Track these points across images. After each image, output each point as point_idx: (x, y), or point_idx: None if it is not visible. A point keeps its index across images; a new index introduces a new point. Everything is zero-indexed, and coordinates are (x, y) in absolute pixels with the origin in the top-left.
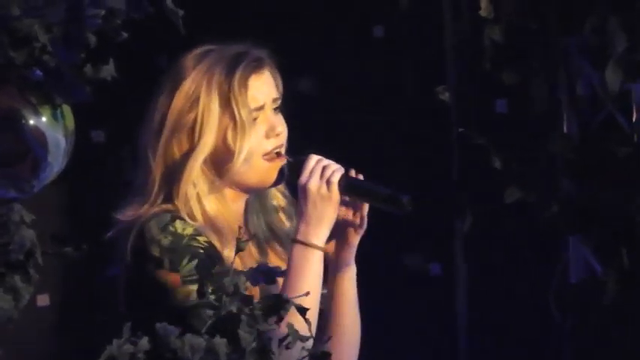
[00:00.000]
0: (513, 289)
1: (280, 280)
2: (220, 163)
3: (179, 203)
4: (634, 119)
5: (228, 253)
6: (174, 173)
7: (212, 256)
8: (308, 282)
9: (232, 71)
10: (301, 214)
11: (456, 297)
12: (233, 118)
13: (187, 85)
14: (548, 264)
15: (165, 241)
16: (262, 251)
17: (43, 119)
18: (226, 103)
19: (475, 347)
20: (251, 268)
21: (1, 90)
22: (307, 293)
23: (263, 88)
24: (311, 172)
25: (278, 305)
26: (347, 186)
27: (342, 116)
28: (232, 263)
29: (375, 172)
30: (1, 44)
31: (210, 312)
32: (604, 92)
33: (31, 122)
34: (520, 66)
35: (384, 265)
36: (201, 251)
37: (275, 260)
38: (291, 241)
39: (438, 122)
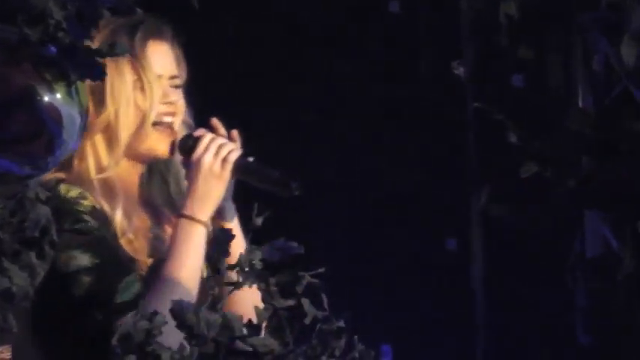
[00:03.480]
0: (529, 265)
1: None
2: (115, 126)
3: (72, 170)
4: None
5: (119, 217)
6: None
7: (97, 218)
8: (190, 256)
9: (135, 36)
10: (190, 188)
11: (470, 272)
12: (139, 80)
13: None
14: (565, 239)
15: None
16: (158, 219)
17: (58, 96)
18: (130, 65)
19: (490, 320)
20: (267, 245)
21: (16, 67)
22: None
23: (163, 58)
24: (205, 149)
25: (294, 281)
26: (240, 166)
27: (358, 91)
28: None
29: (392, 148)
30: (16, 21)
31: None
32: (619, 67)
33: (46, 99)
34: (536, 41)
35: (405, 243)
36: (85, 215)
37: (169, 229)
38: (176, 216)
39: (454, 97)
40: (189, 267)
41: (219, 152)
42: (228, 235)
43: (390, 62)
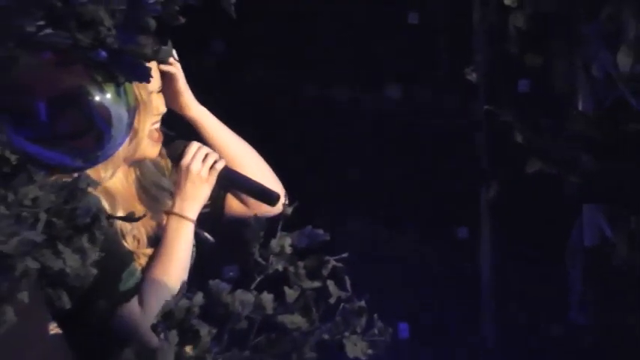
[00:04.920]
0: (532, 253)
1: None
2: None
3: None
4: None
5: (120, 214)
6: None
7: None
8: (179, 249)
9: None
10: (179, 190)
11: (479, 257)
12: (136, 99)
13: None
14: (564, 229)
15: None
16: (153, 210)
17: (108, 96)
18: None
19: (496, 302)
20: (296, 232)
21: (68, 69)
22: None
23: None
24: (193, 157)
25: (320, 265)
26: (225, 175)
27: (381, 95)
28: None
29: (410, 146)
30: (69, 27)
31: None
32: (616, 74)
33: (97, 98)
34: (541, 50)
35: (421, 231)
36: None
37: (160, 217)
38: (166, 213)
39: (468, 100)
40: (178, 257)
41: (207, 160)
42: (262, 224)
43: (410, 67)
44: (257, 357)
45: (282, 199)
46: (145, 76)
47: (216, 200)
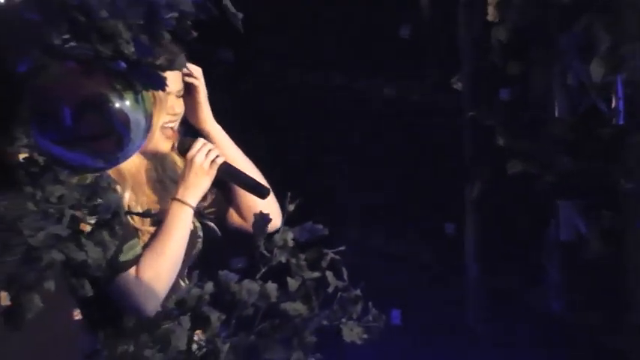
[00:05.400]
0: (512, 246)
1: None
2: None
3: None
4: (613, 106)
5: (128, 195)
6: None
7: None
8: (177, 230)
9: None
10: (183, 179)
11: (465, 250)
12: (153, 96)
13: None
14: (542, 225)
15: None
16: (160, 194)
17: (127, 102)
18: None
19: (480, 291)
20: (298, 227)
21: (91, 78)
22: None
23: (171, 80)
24: (198, 150)
25: (319, 257)
26: (224, 169)
27: (374, 104)
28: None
29: (402, 149)
30: (91, 40)
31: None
32: (589, 83)
33: (116, 105)
34: (521, 61)
35: (412, 226)
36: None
37: (166, 204)
38: (170, 199)
39: (453, 107)
40: (175, 237)
41: (209, 155)
42: (266, 220)
43: (401, 77)
44: (262, 341)
45: (271, 195)
46: (160, 85)
47: (219, 207)
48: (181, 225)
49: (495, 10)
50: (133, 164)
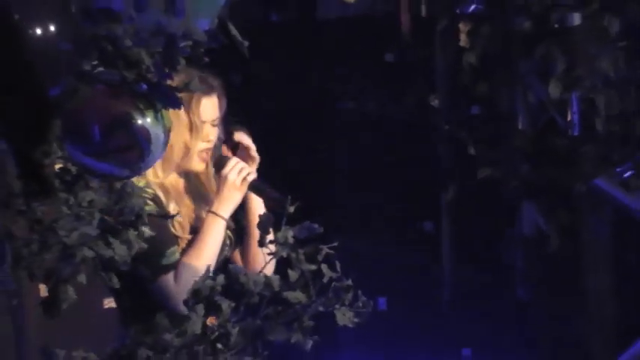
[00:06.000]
0: (482, 242)
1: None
2: (170, 151)
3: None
4: (568, 120)
5: (173, 205)
6: None
7: (156, 203)
8: (212, 240)
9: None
10: (218, 194)
11: (441, 245)
12: (190, 123)
13: None
14: (508, 223)
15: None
16: (198, 206)
17: (148, 120)
18: (186, 111)
19: (455, 281)
20: (297, 226)
21: (117, 99)
22: None
23: (209, 108)
24: (232, 169)
25: (316, 252)
26: (253, 185)
27: (360, 118)
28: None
29: (386, 158)
30: (117, 66)
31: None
32: (547, 100)
33: (139, 122)
34: (489, 81)
35: (395, 225)
36: (148, 199)
37: (202, 212)
38: (207, 211)
39: (431, 121)
40: (209, 246)
41: (241, 172)
42: (269, 220)
43: (387, 95)
44: (267, 325)
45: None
46: (176, 104)
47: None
48: (215, 235)
49: (467, 37)
50: (174, 180)
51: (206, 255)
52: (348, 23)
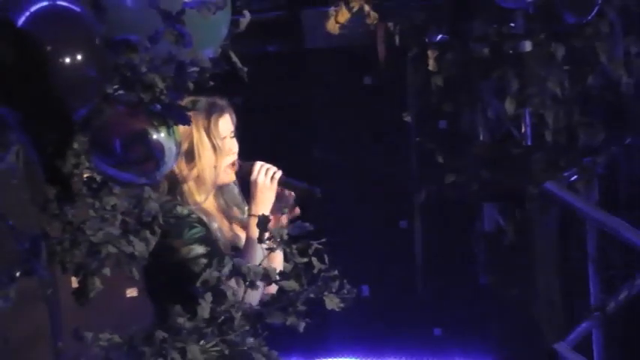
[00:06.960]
0: (450, 237)
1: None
2: (203, 175)
3: (181, 198)
4: (522, 131)
5: (215, 225)
6: (175, 182)
7: (202, 225)
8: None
9: (209, 117)
10: (253, 198)
11: (414, 241)
12: (213, 145)
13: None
14: (471, 220)
15: (172, 220)
16: (230, 223)
17: (162, 135)
18: (207, 136)
19: (427, 271)
20: (291, 224)
21: (135, 117)
22: None
23: (225, 125)
24: (259, 172)
25: (307, 247)
26: (281, 181)
27: (345, 132)
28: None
29: (367, 166)
30: (135, 89)
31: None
32: (504, 115)
33: (155, 137)
34: (453, 100)
35: (375, 223)
36: (195, 223)
37: (236, 227)
38: (247, 215)
39: (404, 134)
40: (257, 246)
41: (268, 173)
42: (266, 220)
43: (364, 114)
44: (265, 309)
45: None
46: (186, 121)
47: None
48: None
49: (434, 63)
50: (210, 202)
51: (255, 255)
52: (333, 53)
